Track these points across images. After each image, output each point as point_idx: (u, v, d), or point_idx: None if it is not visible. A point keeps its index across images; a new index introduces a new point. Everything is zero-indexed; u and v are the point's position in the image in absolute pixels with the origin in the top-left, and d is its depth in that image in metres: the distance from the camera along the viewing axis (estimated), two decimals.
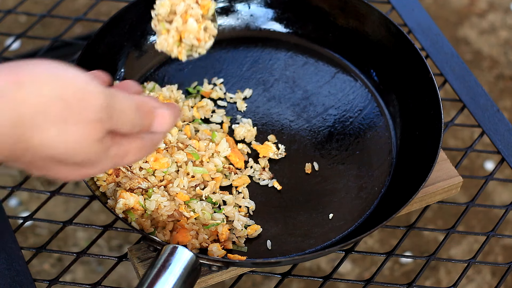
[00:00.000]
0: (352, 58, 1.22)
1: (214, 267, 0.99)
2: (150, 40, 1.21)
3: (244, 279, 1.79)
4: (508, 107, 2.12)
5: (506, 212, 1.15)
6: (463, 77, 1.25)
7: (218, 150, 1.09)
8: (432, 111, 1.10)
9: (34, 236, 1.86)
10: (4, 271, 1.05)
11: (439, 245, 1.11)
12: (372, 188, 1.10)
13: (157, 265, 0.93)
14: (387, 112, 1.17)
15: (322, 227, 1.07)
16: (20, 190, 1.16)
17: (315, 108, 1.18)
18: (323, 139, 1.15)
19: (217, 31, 1.01)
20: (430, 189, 1.11)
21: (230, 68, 1.22)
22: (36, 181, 1.92)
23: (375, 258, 1.84)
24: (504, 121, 1.21)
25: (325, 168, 1.12)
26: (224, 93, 1.18)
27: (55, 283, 1.07)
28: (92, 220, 1.85)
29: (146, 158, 1.04)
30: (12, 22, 2.15)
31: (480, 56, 2.21)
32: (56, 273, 1.80)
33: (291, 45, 1.24)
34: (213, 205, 1.06)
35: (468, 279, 1.84)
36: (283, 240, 1.06)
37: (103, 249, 1.85)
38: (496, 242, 1.90)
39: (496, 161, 1.99)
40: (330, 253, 1.04)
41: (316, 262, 1.84)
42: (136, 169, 1.04)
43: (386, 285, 1.09)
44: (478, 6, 2.32)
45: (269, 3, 1.24)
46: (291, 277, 1.08)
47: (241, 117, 1.16)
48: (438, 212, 1.93)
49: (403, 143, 1.14)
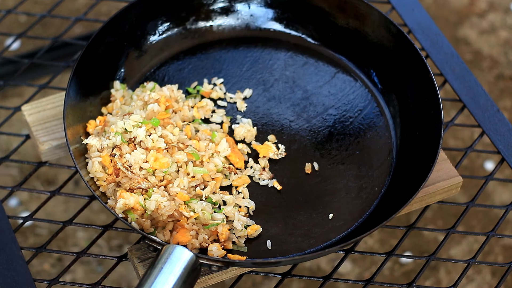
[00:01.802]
0: (352, 58, 1.22)
1: (214, 267, 0.99)
2: (150, 40, 1.21)
3: (244, 279, 1.79)
4: (508, 107, 2.12)
5: (506, 212, 1.15)
6: (463, 77, 1.25)
7: (218, 150, 1.09)
8: (432, 111, 1.10)
9: (34, 236, 1.86)
10: (4, 271, 1.05)
11: (439, 245, 1.11)
12: (372, 188, 1.10)
13: (157, 265, 0.93)
14: (387, 112, 1.17)
15: (322, 227, 1.07)
16: (20, 190, 1.16)
17: (315, 108, 1.18)
18: (323, 139, 1.15)
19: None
20: (430, 189, 1.11)
21: (230, 68, 1.22)
22: (36, 181, 1.92)
23: (375, 258, 1.84)
24: (504, 121, 1.21)
25: (325, 168, 1.12)
26: (224, 93, 1.18)
27: (55, 283, 1.07)
28: (92, 220, 1.85)
29: (146, 158, 1.04)
30: (12, 22, 2.14)
31: (480, 56, 2.21)
32: (56, 273, 1.80)
33: (291, 45, 1.24)
34: (213, 205, 1.06)
35: (468, 279, 1.84)
36: (283, 240, 1.06)
37: (103, 249, 1.84)
38: (496, 242, 1.89)
39: (496, 161, 1.99)
40: (330, 253, 1.04)
41: (316, 262, 1.84)
42: (136, 169, 1.04)
43: (386, 285, 1.09)
44: (478, 6, 2.32)
45: (269, 3, 1.24)
46: (291, 277, 1.08)
47: (241, 117, 1.16)
48: (438, 212, 1.93)
49: (403, 143, 1.14)
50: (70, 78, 1.10)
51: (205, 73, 1.21)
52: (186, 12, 1.23)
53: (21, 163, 1.19)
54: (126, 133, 1.05)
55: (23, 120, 1.18)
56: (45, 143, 1.15)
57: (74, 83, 1.10)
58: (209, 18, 1.24)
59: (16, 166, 1.95)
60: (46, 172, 1.93)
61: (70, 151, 1.04)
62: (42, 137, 1.15)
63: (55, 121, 1.16)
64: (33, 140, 1.17)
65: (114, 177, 1.04)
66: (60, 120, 1.16)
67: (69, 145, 1.05)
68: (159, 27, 1.22)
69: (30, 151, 1.91)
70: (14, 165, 1.94)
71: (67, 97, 1.08)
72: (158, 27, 1.22)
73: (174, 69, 1.21)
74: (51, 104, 1.18)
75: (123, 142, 1.04)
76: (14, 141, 1.97)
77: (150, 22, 1.21)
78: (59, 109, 1.17)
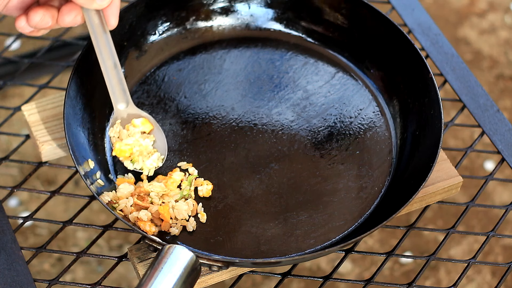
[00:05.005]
0: (352, 58, 1.22)
1: (214, 267, 1.00)
2: (150, 40, 1.21)
3: (244, 279, 1.79)
4: (508, 107, 2.12)
5: (506, 212, 1.15)
6: (463, 77, 1.25)
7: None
8: (432, 111, 1.10)
9: (34, 236, 1.86)
10: (4, 271, 1.05)
11: (439, 245, 1.11)
12: (372, 188, 1.10)
13: (157, 265, 0.93)
14: (387, 112, 1.17)
15: (322, 227, 1.07)
16: (20, 190, 1.16)
17: (315, 108, 1.18)
18: (323, 139, 1.15)
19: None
20: (430, 189, 1.11)
21: (230, 68, 1.22)
22: (36, 181, 1.92)
23: (375, 258, 1.84)
24: (504, 121, 1.21)
25: (325, 168, 1.12)
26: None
27: (55, 283, 1.07)
28: (92, 220, 1.85)
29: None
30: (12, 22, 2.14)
31: (480, 56, 2.21)
32: (56, 273, 1.80)
33: (291, 45, 1.24)
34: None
35: (468, 279, 1.84)
36: (283, 240, 1.06)
37: (103, 249, 1.85)
38: (496, 242, 1.90)
39: (496, 161, 1.99)
40: (330, 253, 1.04)
41: (316, 262, 1.84)
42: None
43: (386, 285, 1.09)
44: (478, 6, 2.32)
45: (269, 3, 1.24)
46: (291, 277, 1.08)
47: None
48: (438, 212, 1.93)
49: (403, 143, 1.14)
50: (70, 78, 1.10)
51: (205, 73, 1.21)
52: (186, 12, 1.23)
53: (21, 163, 1.19)
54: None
55: (23, 120, 1.18)
56: (45, 143, 1.15)
57: (74, 83, 1.10)
58: (209, 18, 1.24)
59: (16, 166, 1.95)
60: (46, 172, 1.93)
61: (70, 151, 1.04)
62: (42, 137, 1.15)
63: (55, 121, 1.16)
64: (33, 140, 1.17)
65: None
66: (60, 120, 1.16)
67: (69, 145, 1.05)
68: (159, 27, 1.22)
69: (30, 151, 1.91)
70: (14, 165, 1.94)
71: (67, 97, 1.08)
72: (158, 27, 1.22)
73: (174, 69, 1.21)
74: (51, 104, 1.18)
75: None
76: (14, 141, 1.97)
77: (150, 22, 1.21)
78: (59, 109, 1.17)
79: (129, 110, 1.09)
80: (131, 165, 1.09)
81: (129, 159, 1.09)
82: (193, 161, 1.12)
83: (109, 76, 1.05)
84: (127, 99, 1.08)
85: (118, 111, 1.09)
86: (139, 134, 1.10)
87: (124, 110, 1.09)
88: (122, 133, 1.10)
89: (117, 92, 1.07)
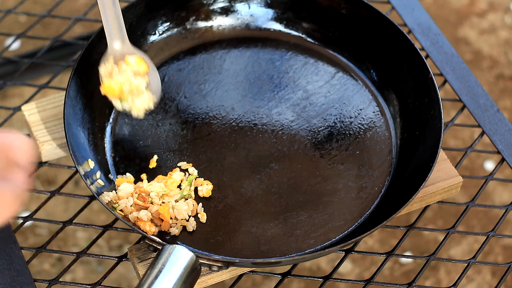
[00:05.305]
0: (352, 58, 1.22)
1: (214, 267, 1.00)
2: (150, 40, 1.21)
3: (244, 279, 1.79)
4: (508, 107, 2.12)
5: (506, 212, 1.15)
6: (463, 77, 1.25)
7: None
8: (432, 111, 1.10)
9: (34, 236, 1.86)
10: (4, 271, 1.05)
11: (439, 245, 1.11)
12: (372, 188, 1.10)
13: (157, 265, 0.93)
14: (387, 112, 1.17)
15: (322, 227, 1.07)
16: None
17: (315, 108, 1.18)
18: (323, 139, 1.15)
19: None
20: (430, 189, 1.11)
21: (230, 68, 1.22)
22: (36, 181, 1.92)
23: (375, 258, 1.84)
24: (504, 121, 1.21)
25: (325, 168, 1.12)
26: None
27: (55, 283, 1.07)
28: (92, 220, 1.85)
29: None
30: (12, 22, 2.14)
31: (480, 56, 2.21)
32: (56, 273, 1.80)
33: (291, 45, 1.24)
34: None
35: (468, 279, 1.84)
36: (283, 240, 1.06)
37: (103, 249, 1.84)
38: (496, 242, 1.89)
39: (496, 161, 1.99)
40: (330, 253, 1.04)
41: (316, 262, 1.84)
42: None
43: (386, 285, 1.09)
44: (478, 6, 2.32)
45: (269, 3, 1.24)
46: (291, 277, 1.08)
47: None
48: (438, 212, 1.93)
49: (403, 143, 1.14)
50: (70, 78, 1.10)
51: (205, 73, 1.21)
52: (186, 12, 1.23)
53: None
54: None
55: (23, 120, 1.18)
56: (45, 143, 1.15)
57: (74, 83, 1.10)
58: (209, 18, 1.24)
59: None
60: (46, 172, 1.93)
61: (70, 151, 1.05)
62: (42, 137, 1.15)
63: (55, 121, 1.16)
64: (33, 140, 1.17)
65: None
66: (60, 120, 1.16)
67: (69, 145, 1.05)
68: (159, 27, 1.22)
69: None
70: None
71: (67, 97, 1.08)
72: (158, 27, 1.22)
73: (174, 69, 1.21)
74: (51, 104, 1.18)
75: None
76: None
77: (150, 22, 1.21)
78: (59, 109, 1.17)
79: (125, 49, 1.04)
80: (120, 105, 1.04)
81: (118, 97, 1.05)
82: (193, 161, 1.12)
83: (105, 13, 1.00)
84: (123, 37, 1.04)
85: (113, 50, 1.04)
86: (132, 73, 1.05)
87: (120, 49, 1.04)
88: (114, 71, 1.05)
89: (113, 29, 1.02)
